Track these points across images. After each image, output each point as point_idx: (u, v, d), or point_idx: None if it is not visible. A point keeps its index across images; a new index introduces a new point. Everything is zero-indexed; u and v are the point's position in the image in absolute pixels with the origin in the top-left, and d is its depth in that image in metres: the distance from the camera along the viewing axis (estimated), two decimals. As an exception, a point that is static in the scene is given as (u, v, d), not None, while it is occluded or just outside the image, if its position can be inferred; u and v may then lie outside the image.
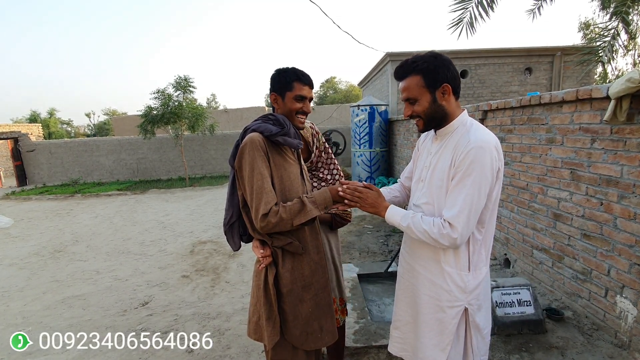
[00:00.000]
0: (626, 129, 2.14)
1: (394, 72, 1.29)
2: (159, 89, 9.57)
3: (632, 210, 2.12)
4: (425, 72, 1.20)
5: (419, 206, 1.33)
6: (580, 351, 2.19)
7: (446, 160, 1.22)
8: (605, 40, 5.85)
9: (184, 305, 3.12)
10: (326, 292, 1.49)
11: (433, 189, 1.26)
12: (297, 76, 1.42)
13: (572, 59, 8.78)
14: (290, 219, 1.29)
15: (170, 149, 12.39)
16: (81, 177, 12.20)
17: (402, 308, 1.43)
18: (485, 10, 5.27)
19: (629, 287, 2.17)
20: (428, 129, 1.30)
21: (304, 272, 1.42)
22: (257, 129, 1.36)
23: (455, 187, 1.17)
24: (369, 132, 8.04)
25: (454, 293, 1.25)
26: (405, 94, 1.25)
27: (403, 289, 1.43)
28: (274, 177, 1.36)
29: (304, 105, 1.45)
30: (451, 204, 1.16)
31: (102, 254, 4.69)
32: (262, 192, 1.29)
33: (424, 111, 1.24)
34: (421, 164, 1.37)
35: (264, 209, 1.27)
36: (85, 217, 7.12)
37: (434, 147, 1.32)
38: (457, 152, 1.18)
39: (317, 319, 1.44)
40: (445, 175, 1.21)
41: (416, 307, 1.35)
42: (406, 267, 1.41)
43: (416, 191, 1.36)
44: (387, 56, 9.17)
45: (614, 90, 2.08)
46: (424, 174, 1.32)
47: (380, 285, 3.33)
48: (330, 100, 32.61)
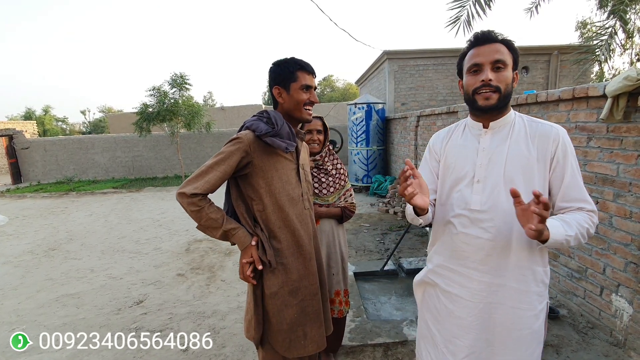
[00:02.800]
0: (622, 127, 2.14)
1: (479, 35, 1.13)
2: (154, 86, 9.48)
3: (628, 208, 2.12)
4: (513, 49, 1.13)
5: (484, 211, 1.13)
6: (575, 349, 2.20)
7: (522, 152, 1.10)
8: (602, 39, 5.87)
9: (179, 304, 3.10)
10: (315, 299, 1.44)
11: (503, 186, 1.10)
12: (300, 65, 1.35)
13: (569, 58, 8.80)
14: (199, 221, 1.28)
15: (166, 146, 12.32)
16: (76, 174, 12.11)
17: (476, 336, 1.16)
18: (483, 9, 5.26)
19: (624, 285, 2.17)
20: (497, 107, 1.11)
21: (291, 276, 1.38)
22: (250, 127, 1.33)
23: (572, 177, 1.09)
24: (366, 130, 8.03)
25: (542, 292, 1.14)
26: (497, 55, 1.08)
27: (476, 315, 1.15)
28: (260, 179, 1.32)
29: (310, 95, 1.38)
30: (581, 195, 1.09)
31: (97, 252, 4.65)
32: (204, 175, 1.26)
33: (507, 84, 1.10)
34: (467, 165, 1.18)
35: (190, 188, 1.24)
36: (80, 215, 7.06)
37: (485, 141, 1.16)
38: (546, 141, 1.09)
39: (301, 326, 1.39)
40: (533, 170, 1.09)
41: (493, 329, 1.15)
42: (479, 287, 1.14)
43: (471, 195, 1.15)
44: (384, 54, 9.16)
45: (611, 88, 2.07)
46: (480, 174, 1.14)
47: (376, 284, 3.33)
48: (328, 99, 32.55)
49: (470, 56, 1.14)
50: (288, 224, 1.38)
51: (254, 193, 1.35)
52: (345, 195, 2.04)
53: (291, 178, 1.39)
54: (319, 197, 1.98)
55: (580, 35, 17.00)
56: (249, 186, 1.35)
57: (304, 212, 1.43)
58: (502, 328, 1.14)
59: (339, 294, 2.00)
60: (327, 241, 1.97)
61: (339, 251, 2.01)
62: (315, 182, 1.97)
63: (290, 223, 1.38)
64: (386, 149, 8.49)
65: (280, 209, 1.36)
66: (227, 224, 1.30)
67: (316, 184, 1.97)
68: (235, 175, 1.34)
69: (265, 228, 1.37)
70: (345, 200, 2.04)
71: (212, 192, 1.30)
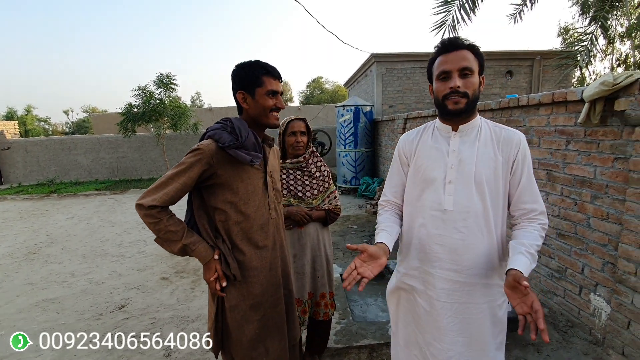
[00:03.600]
0: (599, 131, 2.20)
1: (446, 42, 1.16)
2: (139, 86, 9.32)
3: (605, 210, 2.19)
4: (479, 54, 1.17)
5: (456, 212, 1.17)
6: (555, 348, 2.24)
7: (489, 156, 1.16)
8: (583, 44, 6.04)
9: (163, 308, 3.04)
10: (276, 311, 1.40)
11: (485, 188, 1.15)
12: (266, 70, 1.30)
13: (551, 63, 9.05)
14: (157, 234, 1.23)
15: (151, 147, 12.11)
16: (58, 176, 11.78)
17: (452, 338, 1.20)
18: (467, 14, 5.35)
19: (602, 285, 2.23)
20: (465, 111, 1.15)
21: (253, 289, 1.33)
22: (212, 136, 1.26)
23: (528, 180, 1.17)
24: (354, 132, 8.06)
25: (502, 284, 1.22)
26: (464, 63, 1.12)
27: (452, 315, 1.20)
28: (225, 190, 1.27)
29: (277, 101, 1.33)
30: (534, 197, 1.18)
31: (78, 256, 4.53)
32: (163, 187, 1.21)
33: (475, 90, 1.14)
34: (439, 166, 1.21)
35: (148, 200, 1.19)
36: (61, 217, 6.87)
37: (454, 143, 1.20)
38: (509, 145, 1.17)
39: (262, 342, 1.36)
40: (499, 172, 1.16)
41: (471, 328, 1.20)
42: (454, 287, 1.19)
43: (444, 195, 1.19)
44: (372, 57, 9.23)
45: (588, 93, 2.13)
46: (451, 175, 1.18)
47: (363, 285, 3.33)
48: (317, 100, 32.60)
49: (438, 63, 1.18)
50: (251, 236, 1.33)
51: (217, 204, 1.29)
52: (329, 197, 2.04)
53: (258, 188, 1.34)
54: (303, 200, 1.97)
55: (563, 41, 17.50)
56: (213, 197, 1.29)
57: (270, 221, 1.38)
58: (475, 325, 1.20)
59: (324, 297, 2.00)
60: (312, 244, 1.96)
61: (324, 254, 2.00)
62: (299, 184, 1.96)
63: (253, 235, 1.33)
64: (374, 151, 8.54)
65: (245, 220, 1.31)
66: (186, 237, 1.24)
67: (300, 187, 1.96)
68: (199, 185, 1.28)
69: (228, 240, 1.31)
70: (329, 203, 2.03)
71: (172, 205, 1.24)
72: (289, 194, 1.97)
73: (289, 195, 1.98)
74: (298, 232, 1.94)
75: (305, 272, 1.94)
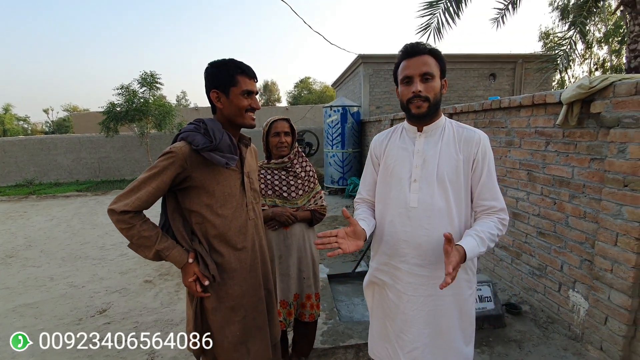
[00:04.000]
0: (577, 132, 2.27)
1: (409, 47, 1.21)
2: (122, 85, 9.14)
3: (582, 209, 2.25)
4: (440, 59, 1.22)
5: (421, 209, 1.22)
6: (536, 344, 2.30)
7: (454, 155, 1.22)
8: (562, 49, 6.24)
9: (146, 312, 2.98)
10: (257, 312, 1.39)
11: (448, 186, 1.20)
12: (241, 69, 1.27)
13: (532, 66, 9.30)
14: (130, 239, 1.20)
15: (135, 147, 11.86)
16: (37, 177, 11.41)
17: (418, 330, 1.25)
18: (452, 17, 5.45)
19: (580, 281, 2.30)
20: (427, 114, 1.21)
21: (233, 291, 1.32)
22: (186, 139, 1.23)
23: (488, 178, 1.22)
24: (342, 132, 8.09)
25: (471, 279, 1.28)
26: (425, 68, 1.17)
27: (418, 308, 1.25)
28: (200, 193, 1.25)
29: (252, 101, 1.31)
30: (493, 194, 1.22)
31: (57, 259, 4.39)
32: (135, 192, 1.18)
33: (436, 93, 1.20)
34: (405, 166, 1.27)
35: (120, 205, 1.16)
36: (40, 219, 6.66)
37: (419, 144, 1.26)
38: (469, 145, 1.21)
39: (244, 343, 1.35)
40: (460, 171, 1.21)
41: (438, 321, 1.24)
42: (419, 281, 1.24)
43: (412, 193, 1.24)
44: (359, 58, 9.28)
45: (565, 96, 2.20)
46: (416, 174, 1.24)
47: (350, 285, 3.35)
48: (305, 101, 32.58)
49: (402, 68, 1.23)
50: (229, 238, 1.31)
51: (193, 206, 1.27)
52: (315, 197, 2.04)
53: (235, 190, 1.32)
54: (288, 201, 1.96)
55: (544, 45, 18.01)
56: (188, 199, 1.27)
57: (248, 222, 1.37)
58: (441, 317, 1.25)
59: (310, 298, 1.99)
60: (298, 245, 1.96)
61: (310, 255, 2.00)
62: (284, 185, 1.95)
63: (231, 236, 1.31)
64: (361, 151, 8.59)
65: (222, 222, 1.29)
66: (160, 243, 1.21)
67: (285, 187, 1.95)
68: (173, 188, 1.26)
69: (205, 241, 1.29)
70: (315, 203, 2.03)
71: (145, 209, 1.22)
72: (274, 195, 1.96)
73: (274, 196, 1.96)
74: (284, 232, 1.93)
75: (290, 273, 1.93)
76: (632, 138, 1.87)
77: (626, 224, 1.92)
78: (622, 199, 1.94)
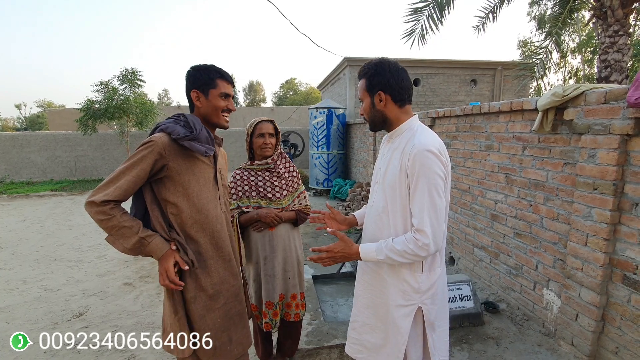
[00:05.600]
0: (551, 138, 2.38)
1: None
2: (102, 81, 8.87)
3: (556, 211, 2.36)
4: (367, 76, 1.29)
5: (376, 208, 1.33)
6: (512, 340, 2.39)
7: (396, 163, 1.25)
8: (539, 57, 6.50)
9: (125, 315, 2.90)
10: (237, 300, 1.45)
11: (387, 190, 1.27)
12: (221, 74, 1.39)
13: (511, 73, 9.64)
14: (109, 231, 1.21)
15: (114, 146, 11.52)
16: (8, 175, 10.90)
17: (360, 309, 1.42)
18: (435, 24, 5.59)
19: (553, 280, 2.41)
20: (373, 129, 1.38)
21: (211, 279, 1.36)
22: (165, 130, 1.28)
23: (414, 194, 1.18)
24: (327, 134, 8.13)
25: (408, 293, 1.28)
26: (359, 94, 1.35)
27: (362, 290, 1.42)
28: (177, 183, 1.29)
29: (228, 103, 1.41)
30: (417, 212, 1.17)
31: (31, 262, 4.22)
32: (115, 181, 1.20)
33: (366, 113, 1.33)
34: (377, 167, 1.40)
35: (100, 196, 1.18)
36: (11, 220, 6.36)
37: (386, 149, 1.36)
38: (404, 156, 1.20)
39: (226, 331, 1.39)
40: (396, 178, 1.23)
41: (374, 308, 1.37)
42: (365, 269, 1.40)
43: (373, 194, 1.38)
44: (345, 60, 9.36)
45: (541, 103, 2.30)
46: (379, 176, 1.35)
47: (334, 286, 3.37)
48: (290, 102, 32.52)
49: None
50: (206, 227, 1.36)
51: (169, 196, 1.30)
52: (299, 197, 2.05)
53: (209, 182, 1.39)
54: (272, 201, 1.97)
55: (522, 54, 18.67)
56: (165, 189, 1.30)
57: (220, 214, 1.43)
58: (377, 308, 1.37)
59: (295, 298, 2.00)
60: (283, 245, 1.96)
61: (295, 255, 2.01)
62: (268, 185, 1.96)
63: (208, 225, 1.36)
64: (346, 153, 8.66)
65: (198, 212, 1.34)
66: (143, 231, 1.24)
67: (269, 188, 1.96)
68: (150, 179, 1.29)
69: (182, 232, 1.33)
70: (299, 203, 2.04)
71: (125, 200, 1.23)
72: (258, 196, 1.96)
73: (259, 197, 1.97)
74: (269, 234, 1.94)
75: (275, 274, 1.94)
76: (601, 144, 1.98)
77: (595, 225, 2.03)
78: (592, 202, 2.05)
